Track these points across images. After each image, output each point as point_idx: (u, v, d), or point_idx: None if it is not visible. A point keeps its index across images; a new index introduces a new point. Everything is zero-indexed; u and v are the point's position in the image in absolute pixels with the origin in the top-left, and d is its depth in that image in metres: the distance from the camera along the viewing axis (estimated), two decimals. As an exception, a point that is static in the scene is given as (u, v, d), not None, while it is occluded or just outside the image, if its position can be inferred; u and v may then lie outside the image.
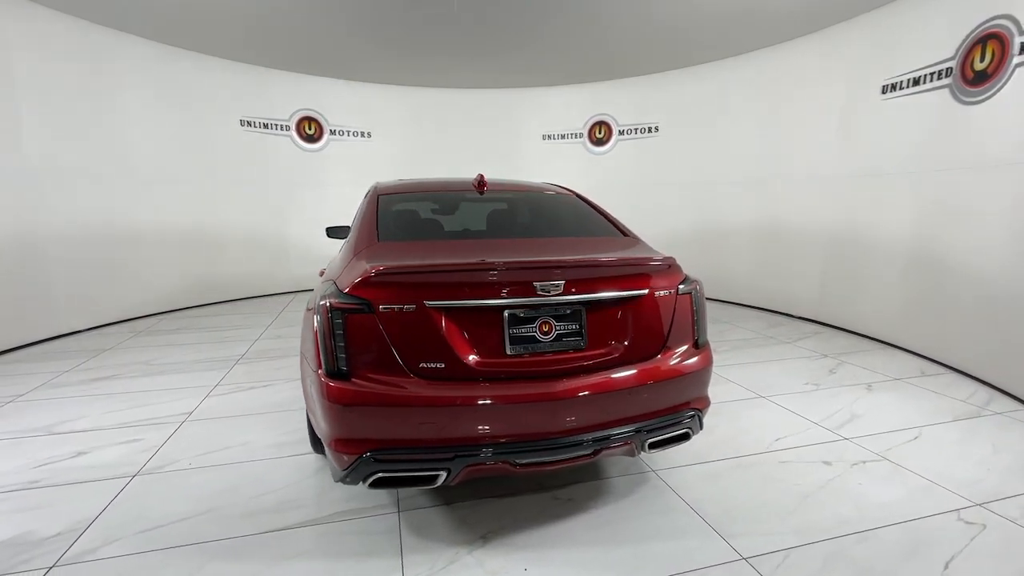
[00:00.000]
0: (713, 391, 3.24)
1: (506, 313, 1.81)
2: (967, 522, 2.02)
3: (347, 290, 1.76)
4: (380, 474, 1.70)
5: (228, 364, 4.04)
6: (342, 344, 1.72)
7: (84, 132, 5.09)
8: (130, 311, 5.60)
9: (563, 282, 1.81)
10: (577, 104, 7.65)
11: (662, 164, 7.12)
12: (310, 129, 7.09)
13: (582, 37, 5.70)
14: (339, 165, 7.32)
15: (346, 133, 7.35)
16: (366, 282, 1.75)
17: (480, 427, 1.73)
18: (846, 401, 3.24)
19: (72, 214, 4.99)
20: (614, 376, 1.86)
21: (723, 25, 5.26)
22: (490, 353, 1.80)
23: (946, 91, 3.95)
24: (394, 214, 2.45)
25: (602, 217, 2.64)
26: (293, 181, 7.16)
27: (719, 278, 6.53)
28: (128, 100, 5.51)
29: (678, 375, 1.97)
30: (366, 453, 1.68)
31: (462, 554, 1.86)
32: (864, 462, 2.49)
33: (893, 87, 4.42)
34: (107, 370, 3.89)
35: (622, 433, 1.85)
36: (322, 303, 1.75)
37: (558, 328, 1.86)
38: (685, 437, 2.05)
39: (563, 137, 7.89)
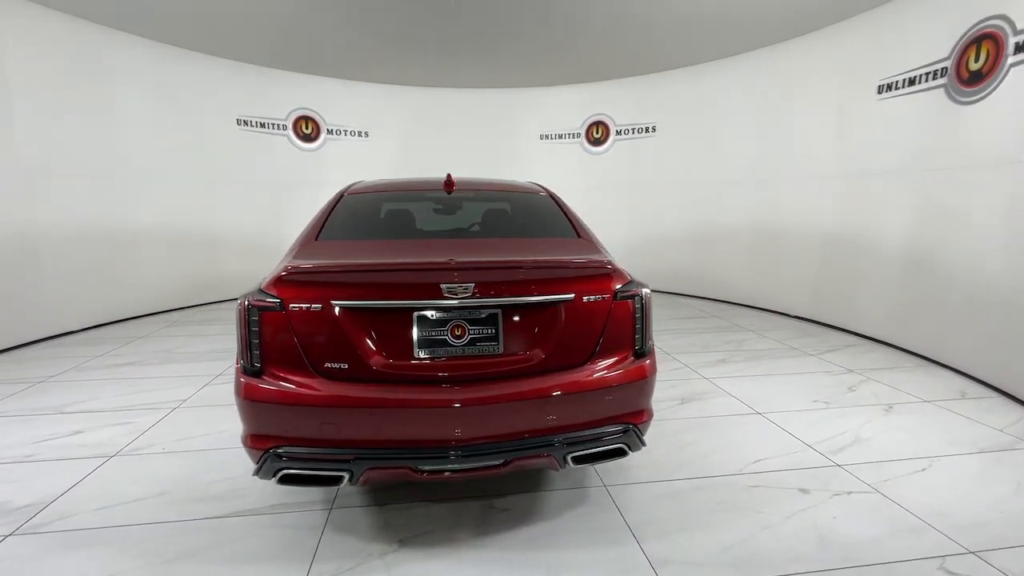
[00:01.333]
0: (708, 405, 3.08)
1: (416, 315, 1.76)
2: (949, 572, 1.74)
3: (263, 288, 1.79)
4: (285, 471, 1.71)
5: (232, 355, 4.24)
6: (256, 341, 1.75)
7: (79, 131, 5.03)
8: (134, 309, 5.72)
9: (472, 285, 1.74)
10: (575, 104, 7.66)
11: (659, 164, 7.15)
12: (307, 128, 7.07)
13: (580, 37, 5.70)
14: (336, 165, 7.20)
15: (343, 133, 7.36)
16: (278, 281, 1.77)
17: (380, 431, 1.70)
18: (855, 423, 2.91)
19: (71, 213, 4.98)
20: (529, 385, 1.76)
21: (720, 25, 5.27)
22: (397, 355, 1.76)
23: (941, 91, 3.96)
24: (350, 214, 2.47)
25: (564, 218, 2.52)
26: (290, 181, 7.02)
27: (716, 277, 6.64)
28: (124, 99, 5.44)
29: (606, 386, 1.83)
30: (271, 449, 1.70)
31: (373, 558, 1.83)
32: (849, 493, 2.22)
33: (889, 87, 4.44)
34: (132, 356, 4.22)
35: (536, 445, 1.76)
36: (241, 301, 1.79)
37: (472, 332, 1.79)
38: (620, 453, 1.91)
39: (561, 137, 7.91)
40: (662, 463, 2.48)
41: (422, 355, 1.76)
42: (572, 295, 1.85)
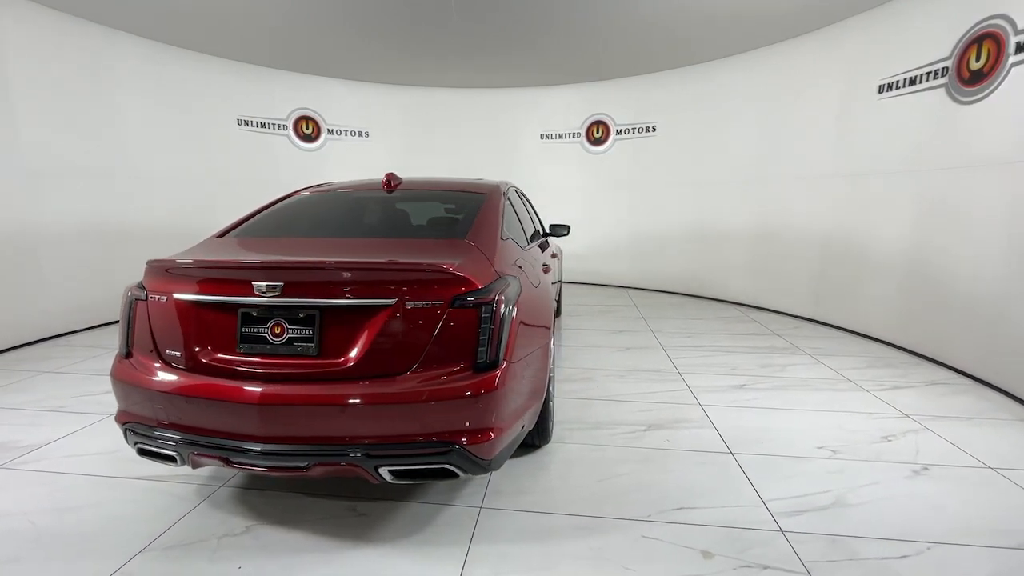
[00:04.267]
0: (676, 436, 2.67)
1: (240, 312, 1.79)
2: None
3: (141, 279, 1.97)
4: (140, 445, 1.87)
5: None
6: (126, 327, 1.93)
7: (80, 130, 4.99)
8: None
9: (282, 284, 1.71)
10: (575, 104, 7.56)
11: (660, 163, 7.08)
12: (308, 128, 7.07)
13: (580, 37, 5.58)
14: (337, 165, 7.18)
15: (344, 133, 7.37)
16: (146, 272, 1.93)
17: (198, 419, 1.76)
18: (854, 481, 2.28)
19: (70, 211, 4.95)
20: (338, 390, 1.68)
21: (720, 25, 5.19)
22: (222, 349, 1.79)
23: (942, 90, 3.92)
24: (277, 212, 2.57)
25: (475, 219, 2.35)
26: (290, 181, 6.61)
27: (716, 277, 6.56)
28: (124, 98, 5.38)
29: (422, 399, 1.66)
30: (126, 425, 1.87)
31: (212, 539, 1.89)
32: (765, 568, 1.73)
33: (890, 86, 4.39)
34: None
35: (341, 453, 1.67)
36: (125, 290, 1.99)
37: (290, 332, 1.76)
38: (447, 474, 1.74)
39: (561, 137, 7.77)
40: (562, 494, 2.15)
41: (243, 351, 1.78)
42: (394, 300, 1.71)
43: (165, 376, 1.79)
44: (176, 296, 1.83)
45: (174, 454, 1.79)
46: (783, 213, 5.68)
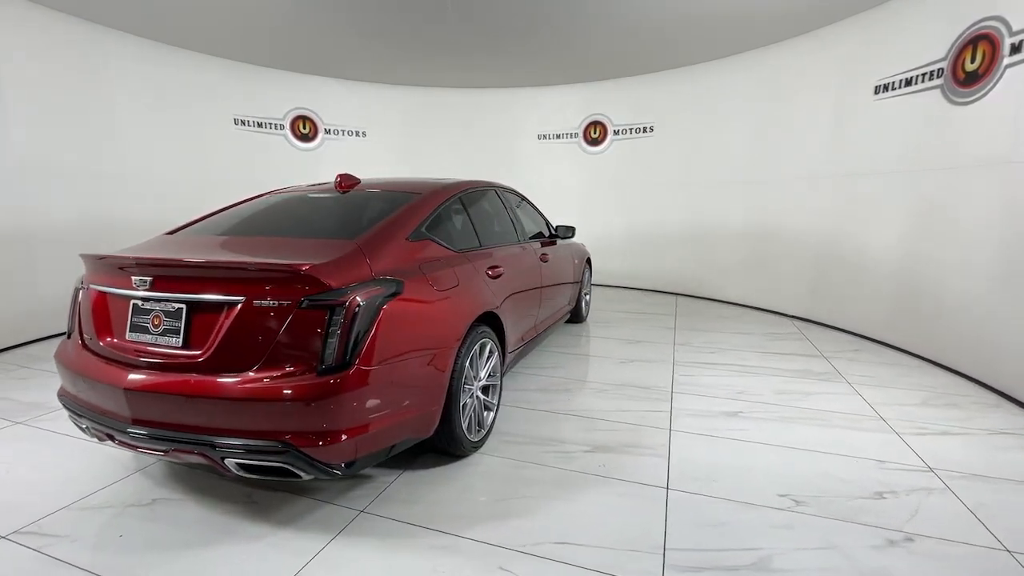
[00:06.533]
0: (616, 462, 2.51)
1: (131, 303, 1.95)
2: None
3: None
4: (69, 417, 2.12)
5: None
6: (71, 312, 2.21)
7: (76, 130, 4.92)
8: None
9: (151, 279, 1.84)
10: (572, 104, 7.55)
11: (657, 164, 7.07)
12: (305, 128, 7.03)
13: (577, 37, 5.54)
14: (334, 165, 6.95)
15: (341, 132, 7.35)
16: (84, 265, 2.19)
17: (90, 397, 1.94)
18: (769, 541, 1.87)
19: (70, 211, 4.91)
20: (188, 380, 1.76)
21: (717, 26, 5.19)
22: (116, 335, 1.97)
23: (937, 92, 3.94)
24: (226, 213, 2.70)
25: (381, 220, 2.30)
26: (287, 180, 6.44)
27: (713, 277, 6.61)
28: (120, 98, 5.30)
29: (259, 397, 1.68)
30: (59, 397, 2.14)
31: (120, 507, 2.07)
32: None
33: (885, 88, 4.42)
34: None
35: (192, 441, 1.75)
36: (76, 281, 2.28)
37: (165, 324, 1.88)
38: (288, 473, 1.75)
39: (558, 137, 7.73)
40: (451, 509, 2.05)
41: (129, 338, 1.94)
42: (242, 297, 1.75)
43: (78, 357, 2.02)
44: (91, 286, 2.07)
45: (84, 427, 2.01)
46: (781, 213, 5.65)
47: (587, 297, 5.37)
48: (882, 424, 2.89)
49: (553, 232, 4.28)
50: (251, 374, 1.73)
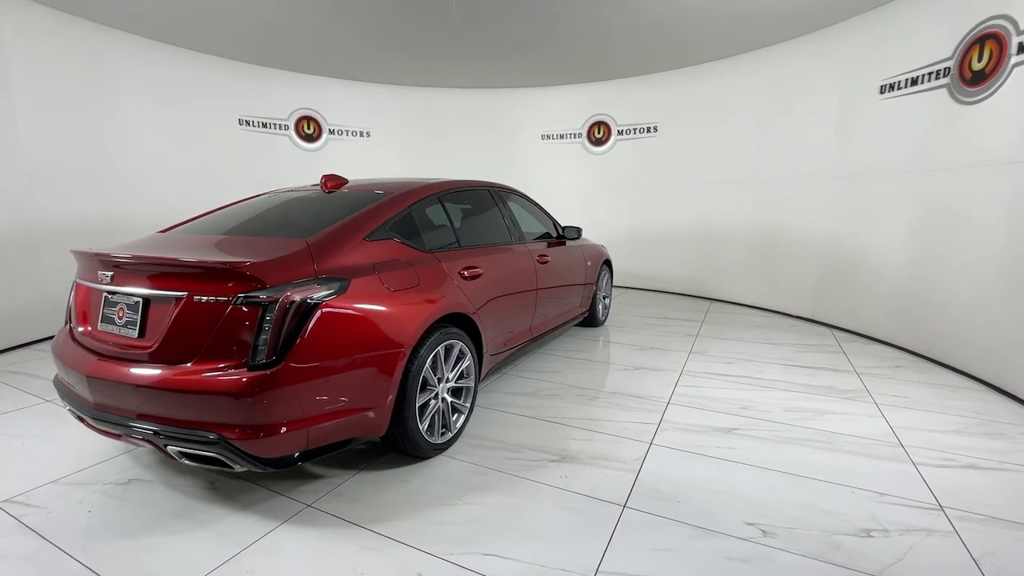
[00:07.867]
0: (576, 474, 2.58)
1: (104, 296, 2.09)
2: None
3: None
4: (60, 398, 2.32)
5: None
6: (67, 305, 2.42)
7: (80, 130, 4.94)
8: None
9: (112, 274, 1.95)
10: (576, 104, 7.52)
11: (661, 164, 7.05)
12: (309, 128, 7.04)
13: (581, 37, 5.52)
14: (338, 165, 6.94)
15: (345, 133, 7.35)
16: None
17: (69, 382, 2.10)
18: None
19: (71, 212, 4.90)
20: (134, 370, 1.86)
21: (722, 25, 5.14)
22: (91, 325, 2.13)
23: (944, 91, 3.89)
24: (216, 213, 2.82)
25: (337, 220, 2.32)
26: (291, 181, 6.57)
27: (717, 277, 6.57)
28: (126, 99, 5.31)
29: (194, 389, 1.75)
30: (55, 382, 2.34)
31: (100, 484, 2.24)
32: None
33: (891, 87, 4.38)
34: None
35: (140, 428, 1.85)
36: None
37: (127, 315, 2.00)
38: (220, 463, 1.80)
39: (562, 137, 7.71)
40: (393, 510, 2.02)
41: (100, 329, 2.08)
42: (184, 293, 1.83)
43: (64, 345, 2.20)
44: (78, 280, 2.24)
45: (69, 409, 2.19)
46: (785, 213, 5.54)
47: (606, 300, 5.20)
48: (899, 451, 2.57)
49: (560, 233, 4.18)
50: (189, 366, 1.81)
